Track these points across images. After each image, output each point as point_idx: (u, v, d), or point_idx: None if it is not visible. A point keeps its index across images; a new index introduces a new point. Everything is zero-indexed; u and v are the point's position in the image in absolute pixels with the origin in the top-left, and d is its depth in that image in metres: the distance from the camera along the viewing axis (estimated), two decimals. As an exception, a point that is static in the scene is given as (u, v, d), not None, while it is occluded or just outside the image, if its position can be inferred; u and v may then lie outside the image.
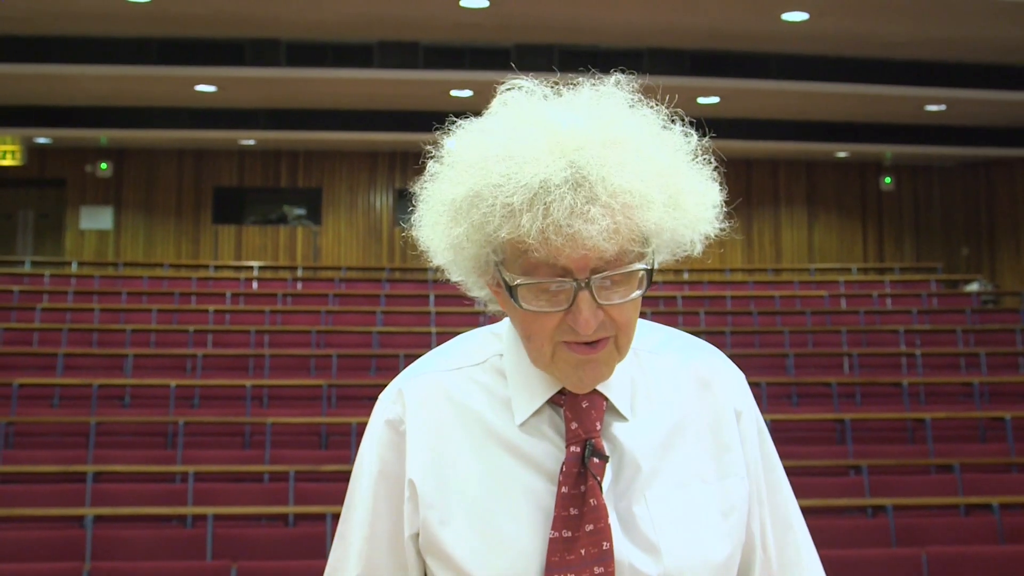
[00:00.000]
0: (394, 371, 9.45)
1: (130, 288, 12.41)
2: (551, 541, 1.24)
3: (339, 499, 6.00)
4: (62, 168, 15.89)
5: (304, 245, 16.27)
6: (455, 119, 1.30)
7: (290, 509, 6.29)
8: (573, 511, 1.24)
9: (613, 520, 1.25)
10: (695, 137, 1.28)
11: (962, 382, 9.54)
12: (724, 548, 1.29)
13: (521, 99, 1.26)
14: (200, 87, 11.80)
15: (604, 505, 1.24)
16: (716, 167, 1.29)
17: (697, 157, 1.28)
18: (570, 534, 1.23)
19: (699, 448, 1.32)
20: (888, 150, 14.93)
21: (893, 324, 11.47)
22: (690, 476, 1.30)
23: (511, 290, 1.21)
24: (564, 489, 1.25)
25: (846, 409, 8.75)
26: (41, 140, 15.10)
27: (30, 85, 11.76)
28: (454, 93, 11.73)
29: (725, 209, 1.29)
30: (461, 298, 1.43)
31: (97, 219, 15.97)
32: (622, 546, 1.25)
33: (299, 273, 14.62)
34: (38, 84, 11.71)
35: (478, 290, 1.32)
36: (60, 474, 6.70)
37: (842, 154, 15.70)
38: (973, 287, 14.92)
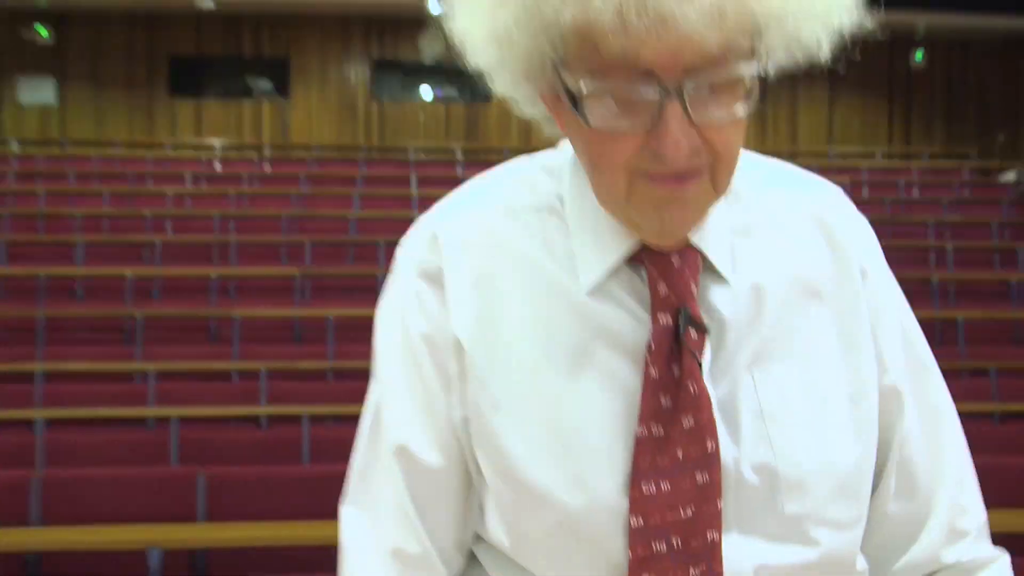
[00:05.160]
0: (373, 261, 9.41)
1: (78, 169, 12.24)
2: (638, 440, 1.04)
3: (316, 398, 5.94)
4: (-5, 34, 15.54)
5: (271, 121, 16.06)
6: None
7: (262, 410, 6.28)
8: (665, 400, 1.04)
9: (716, 414, 1.05)
10: None
11: (997, 279, 9.54)
12: (854, 447, 1.09)
13: None
14: (152, -59, 11.45)
15: (707, 392, 1.04)
16: None
17: None
18: (662, 431, 1.04)
19: (819, 315, 1.11)
20: (921, 20, 14.66)
21: (921, 215, 11.41)
22: (809, 351, 1.09)
23: (574, 100, 0.97)
24: (653, 372, 1.04)
25: (870, 306, 8.74)
26: (-27, 1, 14.73)
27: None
28: (439, -50, 11.41)
29: None
30: (446, 180, 1.23)
31: (38, 92, 15.70)
32: (727, 446, 1.05)
33: (266, 152, 14.44)
34: (-32, -65, 11.33)
35: (530, 106, 1.08)
36: (6, 374, 6.66)
37: (867, 24, 15.41)
38: (1009, 176, 14.80)
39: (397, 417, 1.12)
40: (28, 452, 5.64)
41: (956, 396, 1.21)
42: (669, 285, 1.06)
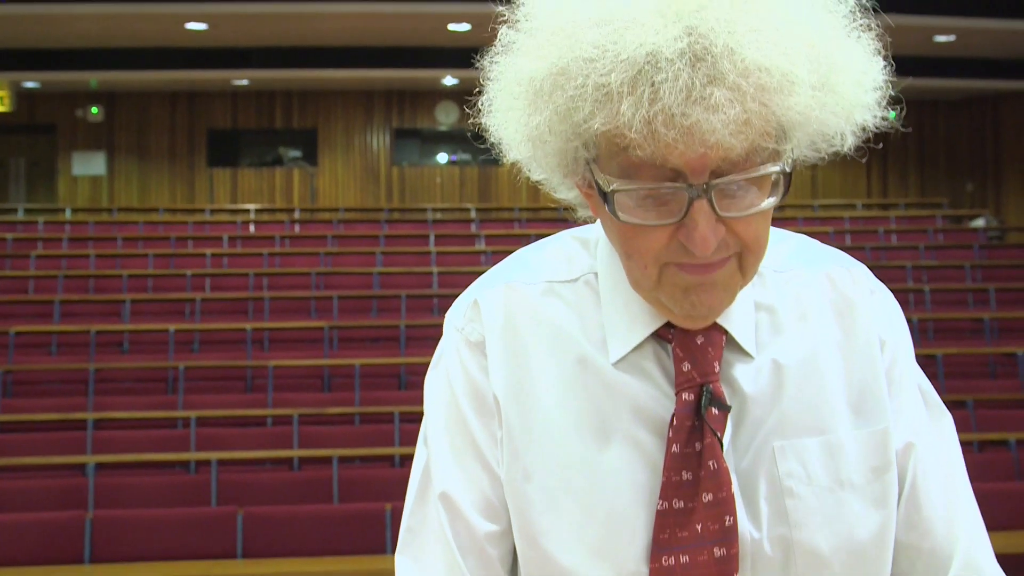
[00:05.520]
0: (396, 312, 9.37)
1: (125, 233, 12.27)
2: (659, 514, 1.00)
3: (344, 442, 5.90)
4: (52, 113, 15.66)
5: (301, 187, 16.12)
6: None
7: (295, 453, 6.24)
8: (687, 475, 1.00)
9: (735, 488, 1.01)
10: None
11: (971, 318, 9.46)
12: (875, 516, 1.04)
13: None
14: (191, 25, 11.56)
15: (726, 469, 1.01)
16: (880, 33, 1.00)
17: (856, 21, 0.99)
18: (682, 504, 1.00)
19: (838, 389, 1.05)
20: (894, 82, 14.72)
21: (900, 260, 11.36)
22: (829, 425, 1.04)
23: (606, 197, 0.95)
24: (675, 447, 1.01)
25: (855, 346, 8.68)
26: (30, 84, 14.85)
27: (16, 27, 11.51)
28: (452, 27, 11.50)
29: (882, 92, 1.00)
30: (461, 237, 1.20)
31: (90, 165, 15.81)
32: (745, 520, 1.01)
33: (296, 215, 14.47)
34: (25, 26, 11.45)
35: (565, 191, 1.05)
36: (60, 422, 6.64)
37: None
38: (979, 223, 14.78)
39: (445, 474, 1.08)
40: (80, 494, 5.61)
41: None
42: (693, 363, 1.03)
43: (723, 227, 0.94)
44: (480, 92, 1.04)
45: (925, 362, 8.19)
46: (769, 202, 0.95)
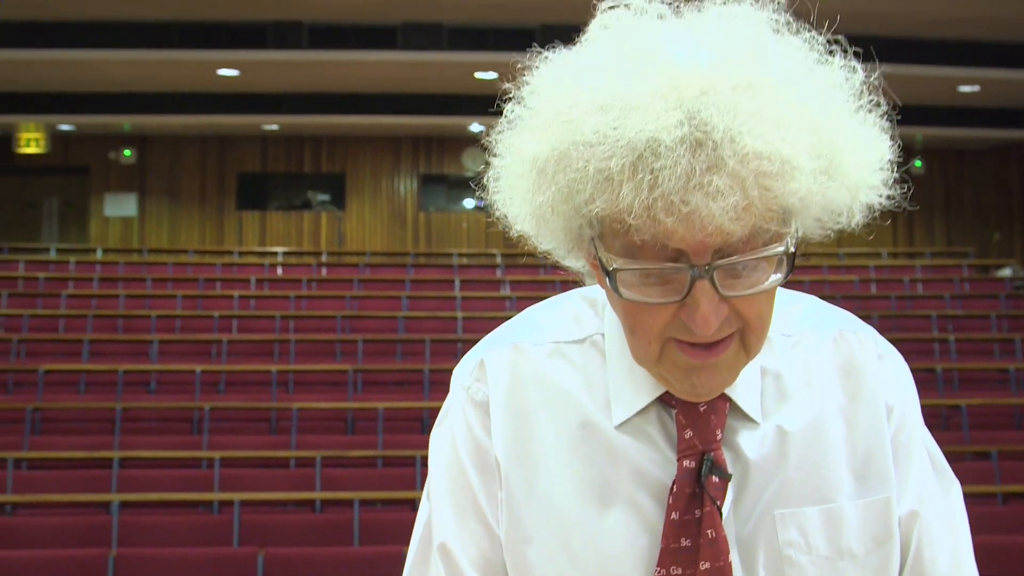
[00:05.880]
0: (420, 356, 9.40)
1: (155, 274, 12.40)
2: None
3: (366, 485, 5.91)
4: (86, 155, 15.91)
5: (328, 230, 16.24)
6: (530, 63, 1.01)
7: (317, 495, 6.25)
8: (686, 542, 1.01)
9: (734, 556, 1.01)
10: (860, 72, 0.98)
11: (997, 368, 9.38)
12: None
13: (627, 21, 0.96)
14: (222, 71, 11.77)
15: (725, 538, 1.00)
16: (887, 111, 0.99)
17: (862, 100, 0.98)
18: (680, 571, 1.00)
19: (841, 454, 1.05)
20: (919, 132, 14.73)
21: (925, 309, 11.30)
22: (831, 493, 1.04)
23: (609, 274, 0.94)
24: (674, 515, 1.01)
25: (879, 395, 8.62)
26: (64, 127, 15.12)
27: (52, 71, 11.75)
28: (479, 75, 11.64)
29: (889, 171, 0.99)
30: (486, 283, 1.22)
31: (121, 206, 16.01)
32: None
33: (324, 258, 14.57)
34: (60, 70, 11.70)
35: (572, 261, 1.06)
36: (86, 460, 6.69)
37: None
38: (1005, 272, 14.68)
39: (445, 530, 1.09)
40: (105, 532, 5.64)
41: (960, 478, 1.17)
42: (695, 431, 1.02)
43: (726, 306, 0.94)
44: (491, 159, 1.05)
45: (950, 412, 8.13)
46: (773, 279, 0.95)
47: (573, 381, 1.07)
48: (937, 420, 8.27)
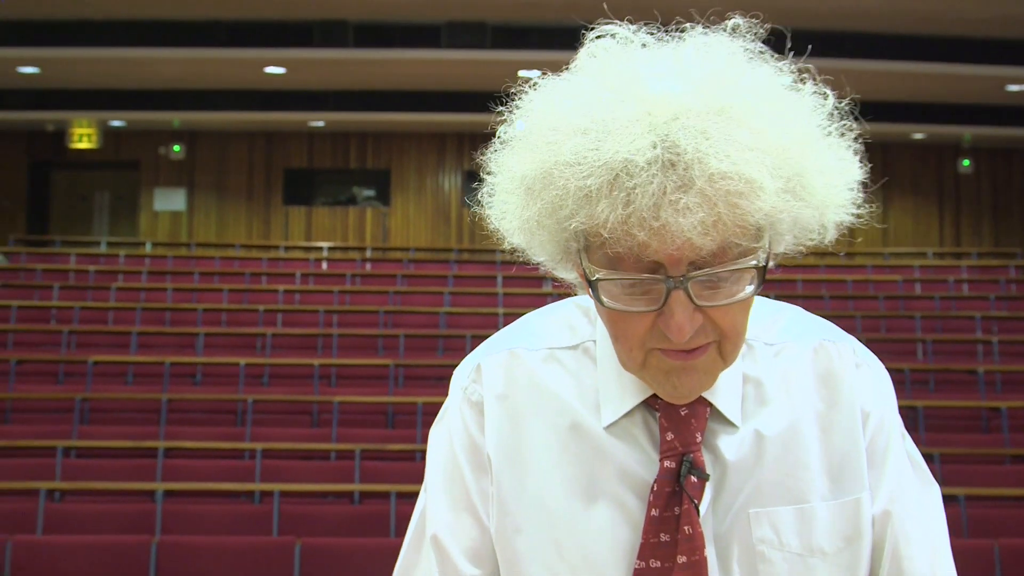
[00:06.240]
0: (461, 352, 9.46)
1: (202, 268, 12.56)
2: (636, 572, 1.07)
3: (404, 478, 5.99)
4: (136, 150, 16.17)
5: (373, 226, 16.37)
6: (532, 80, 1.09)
7: (356, 487, 6.34)
8: (664, 537, 1.07)
9: (710, 552, 1.08)
10: (831, 98, 1.06)
11: (1042, 370, 9.27)
12: None
13: (612, 51, 1.04)
14: (269, 69, 11.93)
15: (701, 534, 1.07)
16: (857, 136, 1.07)
17: (833, 124, 1.05)
18: (659, 564, 1.07)
19: (816, 457, 1.11)
20: (967, 132, 14.56)
21: (969, 310, 11.18)
22: (805, 494, 1.09)
23: (592, 284, 1.02)
24: (654, 511, 1.08)
25: (919, 396, 8.56)
26: (116, 123, 15.39)
27: (105, 69, 11.98)
28: (523, 73, 11.59)
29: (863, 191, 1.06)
30: (529, 279, 1.29)
31: (170, 201, 16.25)
32: None
33: (368, 254, 14.69)
34: (112, 68, 11.92)
35: (564, 272, 1.13)
36: (132, 449, 6.83)
37: (919, 136, 15.34)
38: (1054, 273, 14.47)
39: (439, 521, 1.17)
40: (149, 519, 5.77)
41: (998, 482, 1.21)
42: (676, 433, 1.09)
43: (700, 316, 1.00)
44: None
45: (990, 415, 8.06)
46: (747, 292, 1.01)
47: (565, 385, 1.14)
48: (977, 422, 8.20)
